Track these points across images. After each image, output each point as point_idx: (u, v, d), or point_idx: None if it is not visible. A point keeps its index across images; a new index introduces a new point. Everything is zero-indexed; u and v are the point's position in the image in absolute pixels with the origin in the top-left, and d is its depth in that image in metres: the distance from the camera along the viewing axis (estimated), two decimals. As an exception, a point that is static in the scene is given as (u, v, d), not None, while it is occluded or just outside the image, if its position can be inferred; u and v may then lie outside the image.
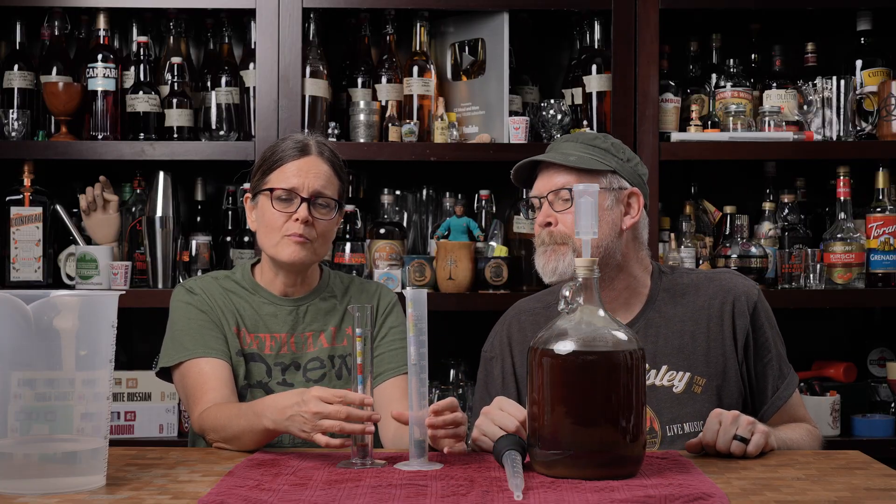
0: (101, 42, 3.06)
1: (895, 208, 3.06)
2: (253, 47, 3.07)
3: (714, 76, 3.20)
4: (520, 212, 3.10)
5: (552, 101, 3.06)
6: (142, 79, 3.06)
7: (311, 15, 3.06)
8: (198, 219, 3.19)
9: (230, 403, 2.07)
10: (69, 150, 2.99)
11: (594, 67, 3.09)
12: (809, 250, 3.04)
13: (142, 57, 3.07)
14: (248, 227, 2.33)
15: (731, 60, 3.17)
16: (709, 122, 3.13)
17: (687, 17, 3.17)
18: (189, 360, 2.15)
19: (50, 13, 3.10)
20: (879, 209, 3.06)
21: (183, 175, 3.15)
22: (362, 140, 3.03)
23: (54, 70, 3.07)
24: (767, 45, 3.23)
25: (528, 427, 1.73)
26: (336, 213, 2.21)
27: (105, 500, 1.56)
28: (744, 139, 3.02)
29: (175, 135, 3.04)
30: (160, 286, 3.01)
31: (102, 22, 3.06)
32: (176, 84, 3.05)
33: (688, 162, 3.08)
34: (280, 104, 2.97)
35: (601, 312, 1.71)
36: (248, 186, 2.28)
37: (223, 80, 3.07)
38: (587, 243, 1.72)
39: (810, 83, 3.13)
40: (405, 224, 3.19)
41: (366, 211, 3.17)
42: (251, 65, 3.08)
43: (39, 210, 3.04)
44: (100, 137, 3.01)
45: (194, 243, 3.05)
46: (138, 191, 3.12)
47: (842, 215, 3.06)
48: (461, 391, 3.04)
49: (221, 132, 3.04)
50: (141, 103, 3.03)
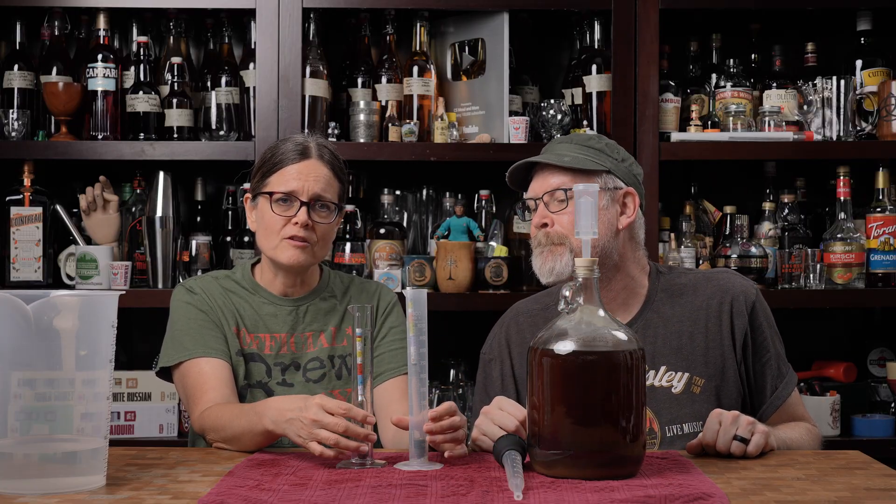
0: (101, 42, 3.06)
1: (895, 208, 3.06)
2: (253, 47, 3.07)
3: (714, 76, 3.20)
4: (517, 213, 3.11)
5: (552, 101, 3.06)
6: (142, 79, 3.06)
7: (311, 15, 3.06)
8: (198, 219, 3.19)
9: (232, 403, 2.07)
10: (69, 150, 2.99)
11: (594, 67, 3.09)
12: (809, 250, 3.04)
13: (142, 57, 3.07)
14: (248, 228, 2.33)
15: (731, 60, 3.17)
16: (709, 122, 3.13)
17: (687, 17, 3.17)
18: (189, 360, 2.15)
19: (50, 13, 3.10)
20: (879, 209, 3.06)
21: (183, 175, 3.15)
22: (362, 140, 3.03)
23: (54, 70, 3.07)
24: (767, 45, 3.23)
25: (528, 427, 1.73)
26: (336, 216, 2.21)
27: (105, 500, 1.56)
28: (744, 139, 3.02)
29: (175, 135, 3.04)
30: (160, 286, 3.01)
31: (102, 22, 3.06)
32: (176, 84, 3.06)
33: (688, 162, 3.08)
34: (280, 104, 2.97)
35: (601, 312, 1.71)
36: (248, 187, 2.28)
37: (223, 80, 3.07)
38: (587, 243, 1.72)
39: (810, 83, 3.13)
40: (405, 224, 3.19)
41: (366, 211, 3.17)
42: (251, 65, 3.08)
43: (39, 210, 3.04)
44: (100, 137, 3.01)
45: (194, 243, 3.05)
46: (138, 191, 3.12)
47: (842, 215, 3.06)
48: (461, 391, 3.04)
49: (221, 132, 3.04)
50: (141, 103, 3.03)
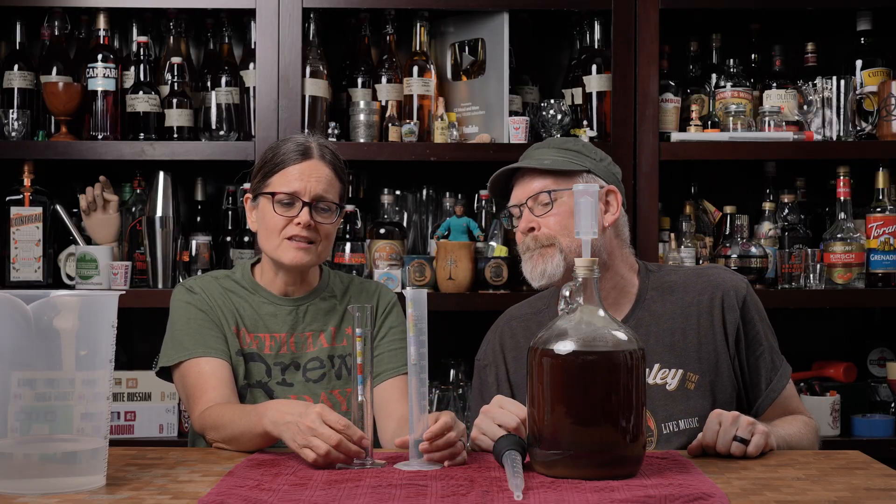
0: (101, 42, 3.06)
1: (895, 208, 3.06)
2: (253, 47, 3.07)
3: (714, 76, 3.20)
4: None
5: (552, 101, 3.06)
6: (142, 79, 3.06)
7: (311, 15, 3.06)
8: (198, 219, 3.19)
9: (232, 404, 2.07)
10: (69, 150, 2.99)
11: (594, 67, 3.09)
12: (809, 250, 3.04)
13: (142, 57, 3.07)
14: (249, 228, 2.33)
15: (731, 60, 3.17)
16: (709, 122, 3.13)
17: (687, 17, 3.17)
18: (189, 360, 2.15)
19: (50, 13, 3.10)
20: (879, 209, 3.06)
21: (183, 175, 3.15)
22: (362, 140, 3.03)
23: (54, 70, 3.07)
24: (767, 45, 3.23)
25: (528, 427, 1.73)
26: (337, 216, 2.22)
27: (105, 500, 1.56)
28: (744, 139, 3.02)
29: (175, 135, 3.04)
30: (160, 286, 3.01)
31: (102, 22, 3.06)
32: (176, 84, 3.06)
33: (688, 162, 3.08)
34: (280, 104, 2.97)
35: (601, 312, 1.71)
36: (249, 187, 2.28)
37: (223, 80, 3.07)
38: (587, 243, 1.72)
39: (810, 83, 3.13)
40: (405, 224, 3.19)
41: (366, 211, 3.17)
42: (251, 65, 3.08)
43: (39, 210, 3.04)
44: (100, 137, 3.01)
45: (194, 243, 3.05)
46: (138, 191, 3.12)
47: (842, 215, 3.06)
48: (461, 391, 3.04)
49: (221, 132, 3.04)
50: (141, 103, 3.03)
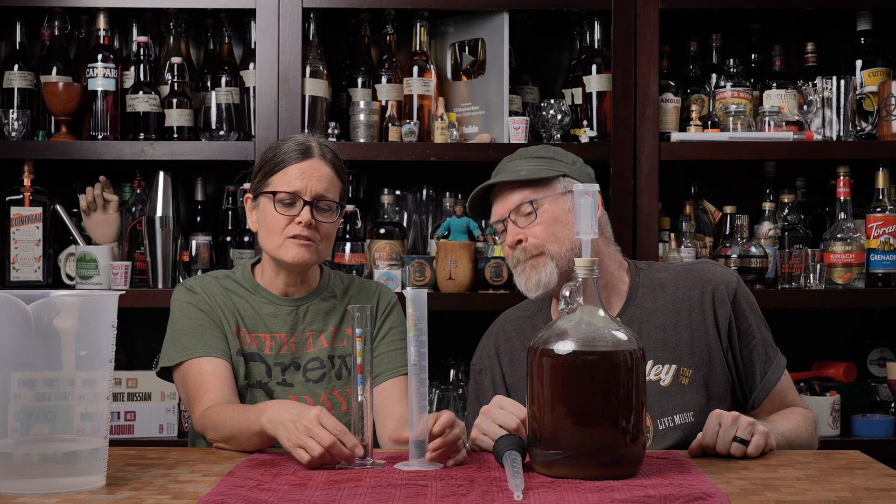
0: (101, 42, 3.06)
1: (895, 208, 3.06)
2: (253, 47, 3.07)
3: (714, 76, 3.20)
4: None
5: (552, 101, 3.06)
6: (142, 79, 3.06)
7: (311, 15, 3.06)
8: (198, 219, 3.19)
9: (233, 403, 2.07)
10: (69, 150, 2.99)
11: (594, 67, 3.09)
12: (809, 250, 3.04)
13: (142, 57, 3.07)
14: (249, 228, 2.33)
15: (731, 60, 3.17)
16: (709, 122, 3.13)
17: (687, 17, 3.17)
18: (189, 360, 2.15)
19: (50, 13, 3.10)
20: (879, 209, 3.06)
21: (183, 175, 3.15)
22: (362, 140, 3.03)
23: (54, 70, 3.07)
24: (767, 45, 3.23)
25: (528, 427, 1.73)
26: (338, 215, 2.22)
27: (105, 500, 1.56)
28: (744, 139, 3.02)
29: (175, 135, 3.04)
30: (160, 286, 3.01)
31: (102, 22, 3.06)
32: (176, 84, 3.06)
33: (688, 162, 3.08)
34: (280, 104, 2.97)
35: (601, 312, 1.71)
36: (249, 186, 2.29)
37: (223, 80, 3.07)
38: (587, 243, 1.72)
39: (810, 83, 3.13)
40: (405, 224, 3.20)
41: (366, 211, 3.17)
42: (251, 65, 3.08)
43: (39, 210, 3.04)
44: (100, 137, 3.01)
45: (194, 243, 3.05)
46: (138, 191, 3.12)
47: (842, 215, 3.06)
48: (461, 391, 3.04)
49: (221, 132, 3.04)
50: (141, 103, 3.03)
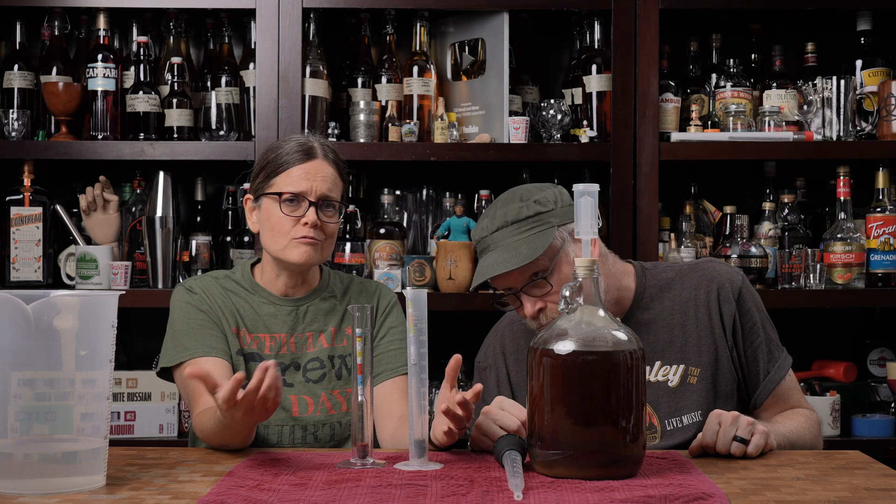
0: (101, 42, 3.06)
1: (895, 208, 3.06)
2: (253, 47, 3.07)
3: (714, 76, 3.20)
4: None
5: (552, 101, 3.06)
6: (142, 79, 3.06)
7: (311, 15, 3.06)
8: (198, 219, 3.19)
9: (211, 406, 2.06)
10: (69, 150, 2.99)
11: (594, 67, 3.09)
12: (809, 250, 3.04)
13: (142, 57, 3.07)
14: (249, 228, 2.33)
15: (731, 60, 3.17)
16: (709, 122, 3.13)
17: (687, 17, 3.18)
18: (189, 360, 2.14)
19: (50, 13, 3.10)
20: (879, 209, 3.06)
21: (183, 175, 3.15)
22: (362, 140, 3.03)
23: (54, 70, 3.07)
24: (767, 45, 3.23)
25: (528, 427, 1.73)
26: (341, 215, 2.22)
27: (105, 500, 1.56)
28: (744, 139, 3.02)
29: (175, 135, 3.04)
30: (160, 286, 3.01)
31: (102, 22, 3.06)
32: (176, 84, 3.06)
33: (688, 162, 3.08)
34: (280, 104, 2.97)
35: (601, 312, 1.71)
36: (249, 187, 2.28)
37: (223, 80, 3.07)
38: (587, 243, 1.72)
39: (810, 83, 3.13)
40: (405, 224, 3.19)
41: (366, 211, 3.17)
42: (251, 65, 3.08)
43: (39, 210, 3.04)
44: (100, 137, 3.01)
45: (194, 243, 3.05)
46: (138, 191, 3.12)
47: (842, 215, 3.06)
48: (461, 391, 3.03)
49: (221, 132, 3.04)
50: (141, 103, 3.03)
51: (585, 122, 3.08)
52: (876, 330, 3.31)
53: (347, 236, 3.05)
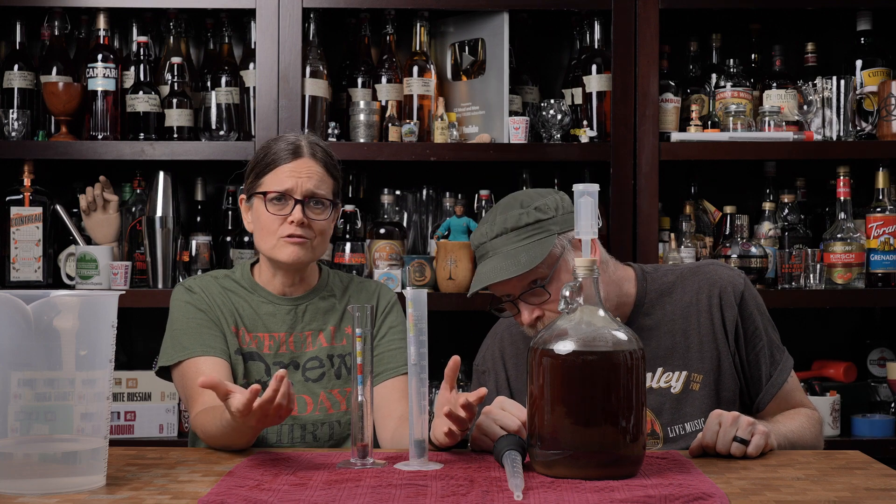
0: (101, 42, 3.06)
1: (895, 208, 3.06)
2: (253, 47, 3.07)
3: (714, 76, 3.20)
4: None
5: (552, 101, 3.06)
6: (142, 79, 3.06)
7: (311, 15, 3.06)
8: (198, 219, 3.19)
9: (216, 405, 2.06)
10: (69, 150, 2.99)
11: (594, 67, 3.09)
12: (809, 250, 3.04)
13: (142, 57, 3.07)
14: (245, 228, 2.33)
15: (731, 60, 3.17)
16: (709, 122, 3.13)
17: (687, 17, 3.18)
18: (188, 360, 2.14)
19: (50, 13, 3.10)
20: (879, 209, 3.06)
21: (183, 175, 3.15)
22: (362, 140, 3.03)
23: (54, 70, 3.07)
24: (767, 45, 3.23)
25: (528, 427, 1.73)
26: (332, 212, 2.21)
27: (105, 500, 1.56)
28: (744, 139, 3.02)
29: (175, 135, 3.04)
30: (160, 286, 3.01)
31: (102, 22, 3.06)
32: (176, 84, 3.06)
33: (688, 162, 3.08)
34: (280, 104, 2.97)
35: (601, 312, 1.71)
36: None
37: (223, 80, 3.07)
38: (587, 243, 1.72)
39: (810, 83, 3.13)
40: (405, 224, 3.19)
41: (366, 211, 3.17)
42: (251, 65, 3.09)
43: (39, 210, 3.04)
44: (100, 137, 3.01)
45: (194, 243, 3.05)
46: (138, 191, 3.12)
47: (842, 215, 3.06)
48: (461, 391, 3.03)
49: (221, 132, 3.04)
50: (141, 103, 3.03)
51: (585, 122, 3.08)
52: (876, 330, 3.31)
53: (347, 236, 3.05)
